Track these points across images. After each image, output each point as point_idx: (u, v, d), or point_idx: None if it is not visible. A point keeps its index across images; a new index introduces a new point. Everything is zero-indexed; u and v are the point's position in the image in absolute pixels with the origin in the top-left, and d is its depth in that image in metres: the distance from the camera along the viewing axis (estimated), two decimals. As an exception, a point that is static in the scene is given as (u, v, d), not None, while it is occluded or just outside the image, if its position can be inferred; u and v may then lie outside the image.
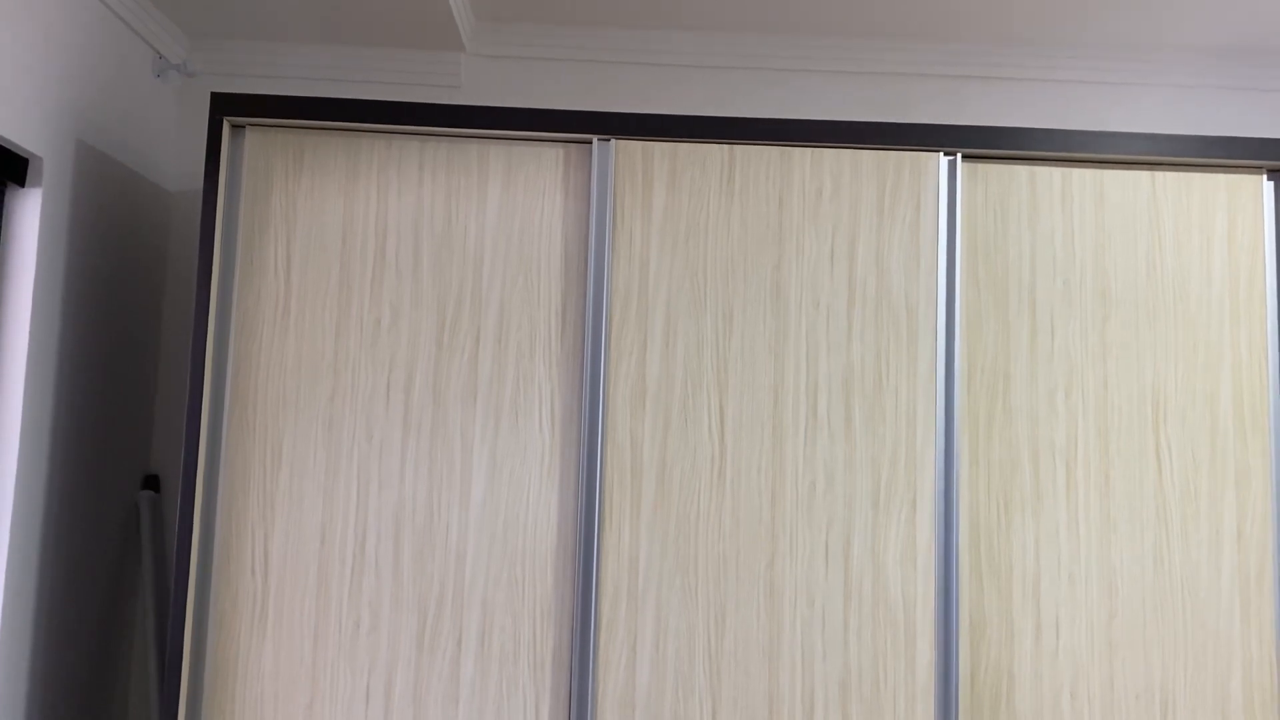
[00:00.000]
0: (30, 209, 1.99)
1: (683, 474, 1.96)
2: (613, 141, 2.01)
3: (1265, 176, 2.06)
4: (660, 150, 2.02)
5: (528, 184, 2.02)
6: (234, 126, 2.02)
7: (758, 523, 1.96)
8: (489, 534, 1.95)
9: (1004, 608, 1.97)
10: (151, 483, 2.42)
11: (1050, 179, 2.06)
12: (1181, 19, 2.43)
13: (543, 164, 2.03)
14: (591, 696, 1.91)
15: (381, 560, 1.94)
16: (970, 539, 1.99)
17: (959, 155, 2.03)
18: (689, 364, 1.99)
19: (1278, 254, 2.05)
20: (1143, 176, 2.06)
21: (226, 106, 1.98)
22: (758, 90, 2.61)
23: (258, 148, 2.01)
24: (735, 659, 1.93)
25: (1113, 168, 2.06)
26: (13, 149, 1.93)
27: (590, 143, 2.03)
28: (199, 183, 2.55)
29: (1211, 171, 2.07)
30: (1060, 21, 2.46)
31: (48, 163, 2.01)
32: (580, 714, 1.90)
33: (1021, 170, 2.06)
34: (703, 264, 2.01)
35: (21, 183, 1.98)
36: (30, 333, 1.98)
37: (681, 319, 2.00)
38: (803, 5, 2.41)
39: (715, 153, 2.02)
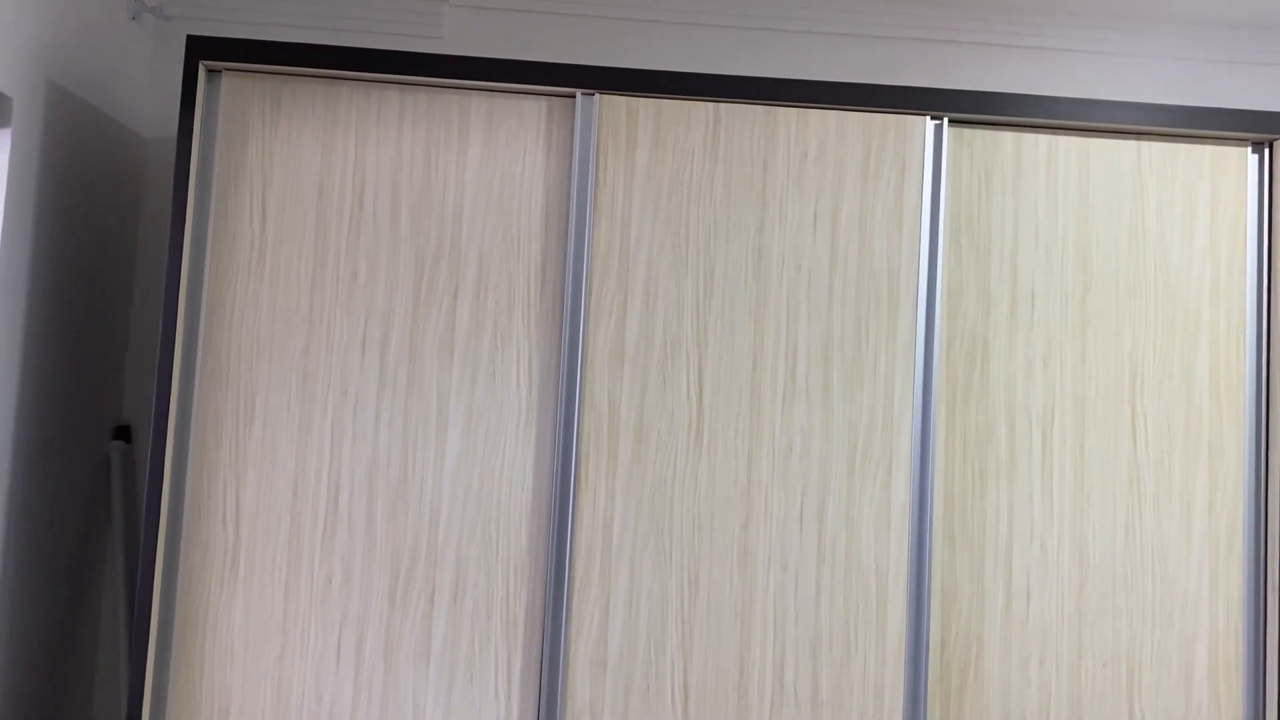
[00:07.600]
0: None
1: (659, 435, 1.96)
2: (597, 96, 1.98)
3: (1249, 149, 2.06)
4: (645, 107, 1.99)
5: (509, 138, 1.99)
6: (210, 71, 1.97)
7: (733, 485, 1.95)
8: (463, 491, 1.94)
9: (976, 574, 1.98)
10: (123, 433, 2.39)
11: (1036, 146, 2.04)
12: (1173, -10, 2.42)
13: (525, 117, 2.00)
14: (563, 655, 1.91)
15: (354, 515, 1.93)
16: (944, 505, 1.99)
17: (945, 119, 2.01)
18: (669, 325, 1.97)
19: (1259, 227, 2.05)
20: (1128, 146, 2.05)
21: (202, 50, 1.94)
22: (744, 50, 2.57)
23: (234, 94, 1.97)
24: (707, 620, 1.94)
25: (1099, 136, 2.05)
26: (-19, 88, 1.89)
27: (574, 97, 2.00)
28: (174, 128, 2.50)
29: (1197, 142, 2.06)
30: (1051, -11, 2.43)
31: (17, 103, 1.96)
32: (552, 672, 1.90)
33: (1007, 136, 2.04)
34: (685, 225, 1.99)
35: (-10, 123, 1.93)
36: (-2, 277, 1.94)
37: (662, 280, 1.98)
38: (793, -36, 2.37)
39: (700, 111, 2.00)
